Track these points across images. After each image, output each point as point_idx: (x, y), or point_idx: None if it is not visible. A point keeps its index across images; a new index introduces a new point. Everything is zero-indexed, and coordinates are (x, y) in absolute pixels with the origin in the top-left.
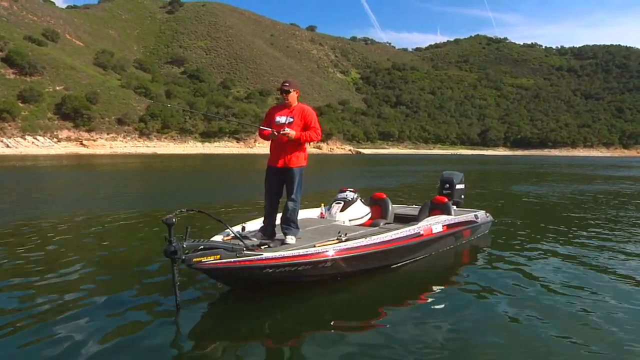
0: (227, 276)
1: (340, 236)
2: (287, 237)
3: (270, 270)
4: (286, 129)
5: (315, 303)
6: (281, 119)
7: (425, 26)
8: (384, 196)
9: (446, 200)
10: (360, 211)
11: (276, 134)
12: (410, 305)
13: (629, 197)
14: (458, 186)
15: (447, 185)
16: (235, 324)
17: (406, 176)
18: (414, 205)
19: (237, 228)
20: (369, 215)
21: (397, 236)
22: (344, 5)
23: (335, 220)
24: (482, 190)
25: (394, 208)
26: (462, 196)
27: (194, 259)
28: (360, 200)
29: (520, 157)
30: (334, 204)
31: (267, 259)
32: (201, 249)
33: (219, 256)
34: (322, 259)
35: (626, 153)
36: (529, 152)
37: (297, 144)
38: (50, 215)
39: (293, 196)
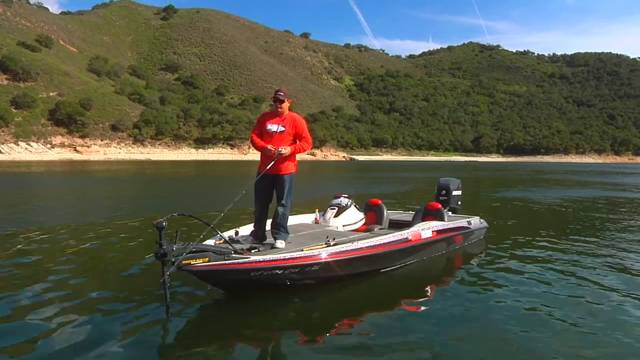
0: (215, 278)
1: (329, 240)
2: (277, 241)
3: (258, 273)
4: (281, 149)
5: (305, 306)
6: (272, 126)
7: (417, 33)
8: (379, 202)
9: (439, 206)
10: (354, 217)
11: (271, 149)
12: (398, 309)
13: (623, 202)
14: (455, 192)
15: (444, 191)
16: (225, 326)
17: (402, 183)
18: (409, 212)
19: (231, 233)
20: (363, 221)
21: (385, 241)
22: (337, 13)
23: (329, 226)
24: (477, 196)
25: (389, 214)
26: (459, 202)
27: (184, 262)
28: (354, 206)
29: (513, 163)
30: (328, 209)
31: (254, 262)
32: (191, 252)
33: (207, 259)
34: (308, 262)
35: (618, 159)
36: (522, 158)
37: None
38: (43, 221)
39: (283, 202)
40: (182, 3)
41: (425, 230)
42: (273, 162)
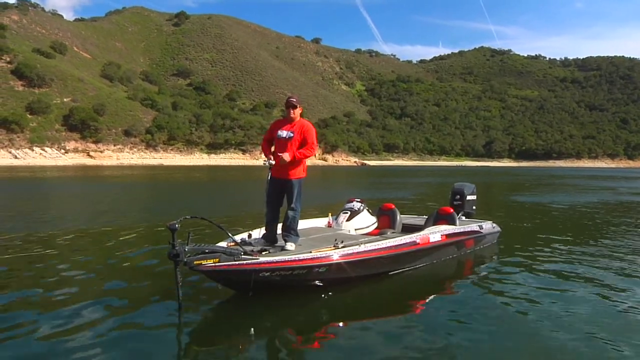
0: (225, 278)
1: (337, 243)
2: (287, 243)
3: (267, 274)
4: (281, 155)
5: (312, 307)
6: (283, 133)
7: (427, 39)
8: (393, 207)
9: (451, 210)
10: (366, 221)
11: (272, 163)
12: (405, 312)
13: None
14: (469, 197)
15: (458, 196)
16: (234, 325)
17: (415, 188)
18: (423, 216)
19: (244, 235)
20: (375, 225)
21: (392, 244)
22: (347, 19)
23: (341, 229)
24: (491, 200)
25: (402, 218)
26: (474, 207)
27: (195, 262)
28: (367, 210)
29: (525, 168)
30: (340, 213)
31: (262, 262)
32: (202, 253)
33: (217, 259)
34: (316, 264)
35: (631, 164)
36: (534, 163)
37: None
38: (59, 224)
39: (293, 205)
40: (194, 9)
41: (435, 234)
42: (271, 163)
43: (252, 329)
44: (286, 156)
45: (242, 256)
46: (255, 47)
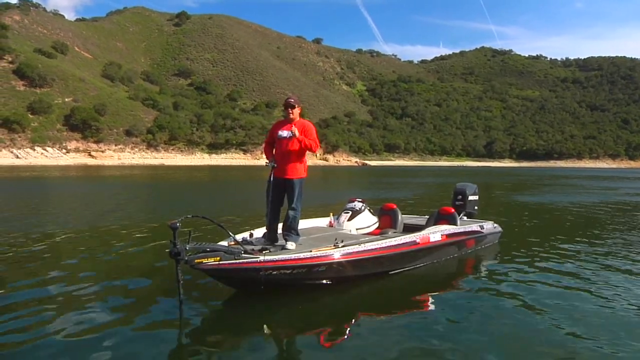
0: (225, 277)
1: (337, 242)
2: (287, 243)
3: (267, 272)
4: (293, 127)
5: (312, 306)
6: (283, 132)
7: (428, 39)
8: (394, 206)
9: (452, 210)
10: (367, 220)
11: (275, 165)
12: (403, 311)
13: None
14: (471, 197)
15: (460, 196)
16: (235, 324)
17: (416, 188)
18: (425, 216)
19: (245, 235)
20: (376, 225)
21: (392, 243)
22: (348, 19)
23: (342, 229)
24: (493, 201)
25: (403, 218)
26: (476, 207)
27: (196, 260)
28: (368, 210)
29: (526, 168)
30: (342, 213)
31: (262, 261)
32: (203, 252)
33: (218, 258)
34: (315, 263)
35: (632, 164)
36: (535, 163)
37: (297, 157)
38: (60, 223)
39: (293, 205)
40: (195, 9)
41: (435, 233)
42: (272, 165)
43: (265, 327)
44: (295, 130)
45: (243, 255)
46: (256, 47)
